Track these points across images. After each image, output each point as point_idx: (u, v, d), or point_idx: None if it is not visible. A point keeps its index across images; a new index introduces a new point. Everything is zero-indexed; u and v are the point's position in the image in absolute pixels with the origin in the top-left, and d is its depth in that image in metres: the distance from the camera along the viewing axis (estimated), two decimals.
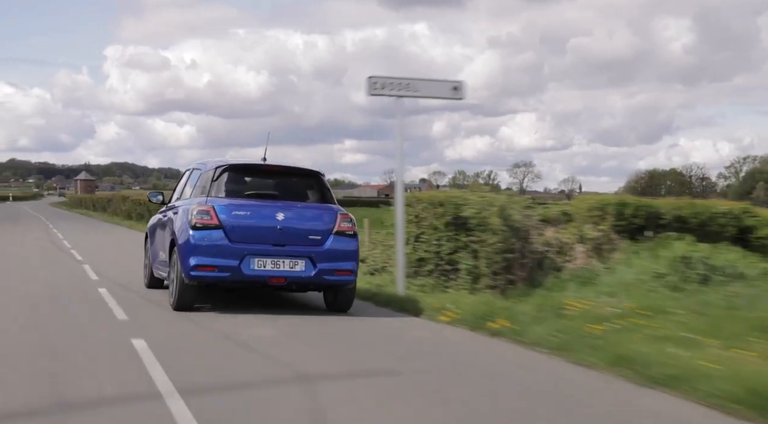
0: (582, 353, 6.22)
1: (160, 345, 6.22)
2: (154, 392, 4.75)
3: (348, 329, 7.85)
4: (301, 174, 9.21)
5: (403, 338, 7.39)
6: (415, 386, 5.33)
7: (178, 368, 5.40)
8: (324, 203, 8.84)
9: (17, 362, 5.57)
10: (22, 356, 5.80)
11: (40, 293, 9.60)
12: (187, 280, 8.15)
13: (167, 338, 6.81)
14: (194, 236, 8.16)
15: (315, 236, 8.40)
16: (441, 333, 7.68)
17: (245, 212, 8.30)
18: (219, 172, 8.69)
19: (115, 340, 6.51)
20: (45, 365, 5.47)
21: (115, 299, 8.93)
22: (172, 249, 8.64)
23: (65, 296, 9.45)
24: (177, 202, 9.58)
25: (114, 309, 8.26)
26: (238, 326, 7.45)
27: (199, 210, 8.23)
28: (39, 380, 4.98)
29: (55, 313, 8.08)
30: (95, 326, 7.31)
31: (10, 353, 5.91)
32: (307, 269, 8.28)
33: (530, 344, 6.85)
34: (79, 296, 9.38)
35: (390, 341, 7.22)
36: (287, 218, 8.34)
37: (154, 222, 10.49)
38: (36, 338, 6.54)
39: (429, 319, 8.42)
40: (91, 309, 8.37)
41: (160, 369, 5.34)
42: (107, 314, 7.97)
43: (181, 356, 5.98)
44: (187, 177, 9.95)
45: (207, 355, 6.16)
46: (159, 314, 8.20)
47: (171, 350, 6.12)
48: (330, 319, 8.34)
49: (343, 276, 8.48)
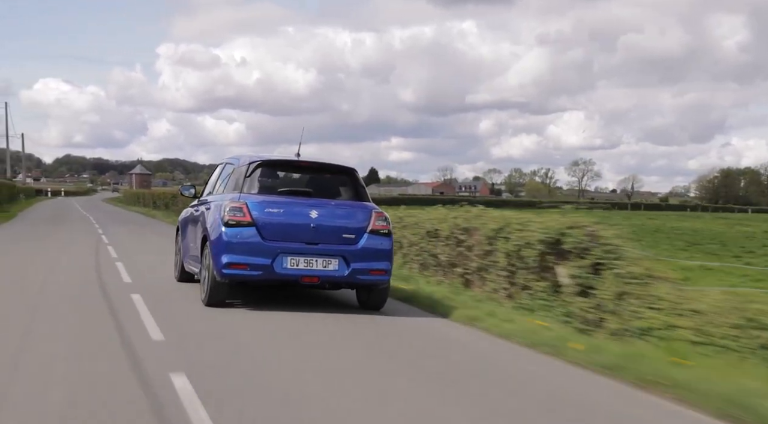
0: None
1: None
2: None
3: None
4: (336, 171, 9.03)
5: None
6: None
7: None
8: (358, 201, 8.67)
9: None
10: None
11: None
12: (219, 278, 8.04)
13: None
14: (227, 233, 8.04)
15: (349, 234, 8.22)
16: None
17: (278, 210, 8.15)
18: (252, 168, 8.56)
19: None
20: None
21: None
22: (203, 245, 8.54)
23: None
24: (209, 196, 9.48)
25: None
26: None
27: (232, 207, 8.11)
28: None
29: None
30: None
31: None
32: (340, 269, 8.11)
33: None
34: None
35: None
36: (321, 215, 8.17)
37: (186, 216, 10.41)
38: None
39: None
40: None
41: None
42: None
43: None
44: (219, 171, 9.84)
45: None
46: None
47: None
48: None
49: (377, 276, 8.29)
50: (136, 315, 7.49)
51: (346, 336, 7.14)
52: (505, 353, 6.71)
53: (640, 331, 6.57)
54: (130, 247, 16.45)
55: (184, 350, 6.04)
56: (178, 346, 6.18)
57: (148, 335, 6.51)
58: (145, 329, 6.73)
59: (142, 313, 7.59)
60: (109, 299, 8.56)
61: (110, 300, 8.50)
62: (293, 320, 7.70)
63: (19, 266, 11.94)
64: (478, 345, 7.03)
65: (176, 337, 6.54)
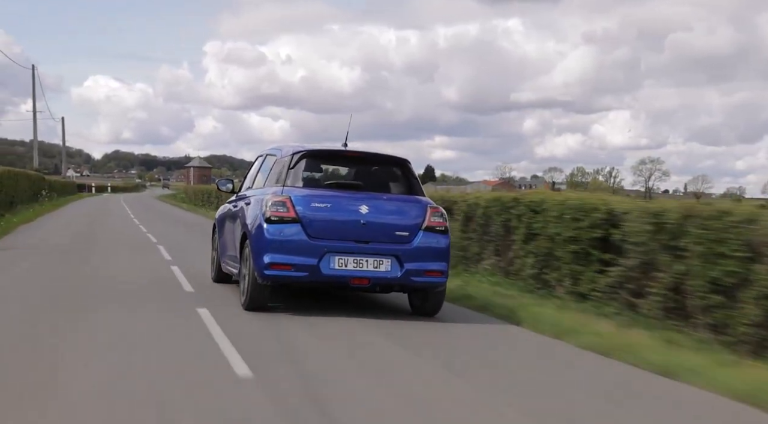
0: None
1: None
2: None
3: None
4: (387, 162, 8.25)
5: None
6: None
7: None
8: (412, 195, 7.89)
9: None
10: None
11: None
12: (261, 280, 7.33)
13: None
14: (269, 230, 7.32)
15: (402, 232, 7.45)
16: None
17: (325, 204, 7.41)
18: (296, 159, 7.83)
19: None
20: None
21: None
22: (243, 244, 7.84)
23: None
24: (248, 191, 8.77)
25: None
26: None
27: (275, 201, 7.38)
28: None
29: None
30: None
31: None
32: (392, 269, 7.34)
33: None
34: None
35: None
36: (371, 211, 7.41)
37: (223, 212, 9.70)
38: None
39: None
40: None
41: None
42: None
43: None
44: (260, 164, 9.07)
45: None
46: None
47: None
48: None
49: (433, 277, 7.50)
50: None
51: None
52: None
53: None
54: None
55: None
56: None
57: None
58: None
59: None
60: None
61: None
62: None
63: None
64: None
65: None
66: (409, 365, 5.68)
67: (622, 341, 6.43)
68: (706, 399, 5.00)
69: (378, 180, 8.06)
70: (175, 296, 8.42)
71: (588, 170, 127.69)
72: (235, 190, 9.62)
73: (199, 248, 13.55)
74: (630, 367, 5.82)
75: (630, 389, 5.28)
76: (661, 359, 5.79)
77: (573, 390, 5.12)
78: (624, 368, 5.81)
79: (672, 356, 5.88)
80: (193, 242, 16.22)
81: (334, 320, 7.25)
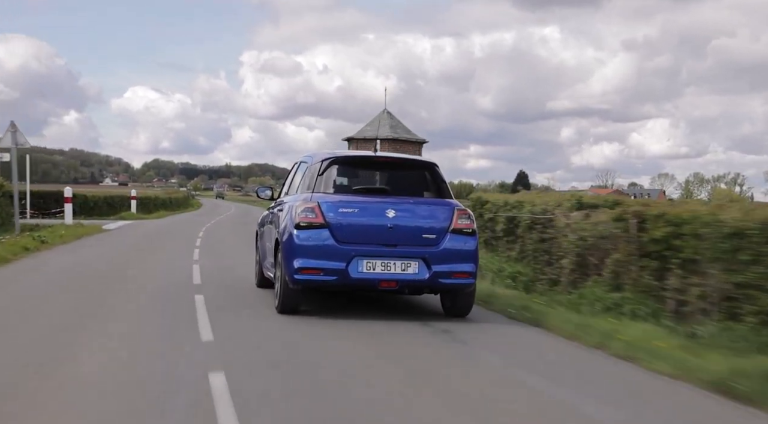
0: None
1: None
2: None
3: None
4: (415, 166, 8.42)
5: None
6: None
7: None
8: (440, 198, 8.01)
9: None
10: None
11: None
12: (292, 284, 7.53)
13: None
14: (298, 235, 7.50)
15: (429, 234, 7.57)
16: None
17: (353, 209, 7.57)
18: (325, 166, 8.02)
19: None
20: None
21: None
22: (277, 249, 8.06)
23: None
24: (284, 197, 8.99)
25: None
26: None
27: (304, 208, 7.57)
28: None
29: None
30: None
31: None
32: (420, 272, 7.47)
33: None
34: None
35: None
36: (399, 215, 7.55)
37: (263, 218, 9.96)
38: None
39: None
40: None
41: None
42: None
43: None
44: (294, 171, 9.30)
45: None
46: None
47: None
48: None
49: (461, 279, 7.61)
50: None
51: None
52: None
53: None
54: None
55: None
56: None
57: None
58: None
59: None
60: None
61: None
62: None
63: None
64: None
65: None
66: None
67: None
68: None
69: (406, 184, 8.20)
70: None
71: (706, 177, 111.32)
72: (274, 197, 9.82)
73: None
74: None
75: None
76: None
77: None
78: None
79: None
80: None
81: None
